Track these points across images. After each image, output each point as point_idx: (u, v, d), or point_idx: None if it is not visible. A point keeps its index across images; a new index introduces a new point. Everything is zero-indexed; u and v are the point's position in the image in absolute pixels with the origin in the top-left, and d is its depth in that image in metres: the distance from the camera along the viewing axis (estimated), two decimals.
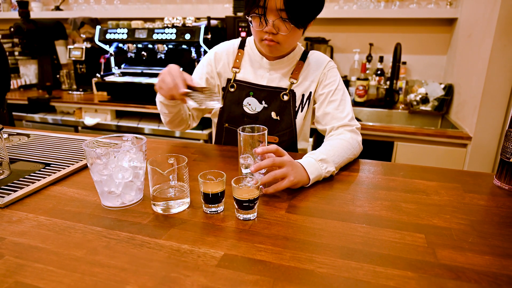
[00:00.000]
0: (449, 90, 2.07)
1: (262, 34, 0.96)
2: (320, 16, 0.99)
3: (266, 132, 0.84)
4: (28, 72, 2.90)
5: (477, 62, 1.72)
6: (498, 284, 0.53)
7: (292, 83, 1.08)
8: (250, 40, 1.12)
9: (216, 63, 1.13)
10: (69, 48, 2.59)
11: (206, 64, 1.13)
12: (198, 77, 1.13)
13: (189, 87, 0.89)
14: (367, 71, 2.38)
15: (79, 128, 2.38)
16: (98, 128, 2.32)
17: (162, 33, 2.19)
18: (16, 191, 0.78)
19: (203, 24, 2.16)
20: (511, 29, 1.52)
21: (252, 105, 1.10)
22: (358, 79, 2.29)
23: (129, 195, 0.75)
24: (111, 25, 2.40)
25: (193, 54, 2.20)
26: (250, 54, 1.11)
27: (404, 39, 2.26)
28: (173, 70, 0.89)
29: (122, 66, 2.46)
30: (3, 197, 0.75)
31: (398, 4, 2.22)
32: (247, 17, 0.97)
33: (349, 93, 1.09)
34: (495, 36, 1.54)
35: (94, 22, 2.65)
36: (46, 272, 0.54)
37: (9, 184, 0.82)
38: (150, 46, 2.32)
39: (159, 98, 1.03)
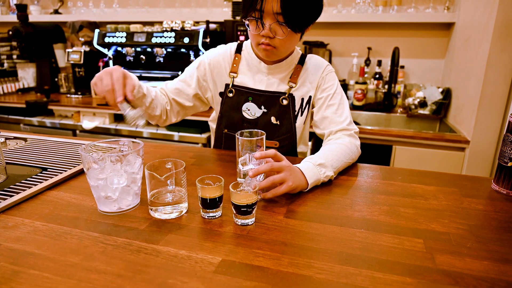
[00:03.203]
0: (447, 94, 2.08)
1: (259, 38, 0.96)
2: (318, 20, 0.99)
3: (264, 136, 0.84)
4: (26, 76, 2.89)
5: (475, 66, 1.72)
6: None
7: (291, 87, 1.08)
8: (247, 44, 1.11)
9: (211, 68, 1.11)
10: (68, 52, 2.59)
11: (198, 66, 1.11)
12: (189, 76, 1.11)
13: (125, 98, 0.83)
14: (366, 75, 2.38)
15: (77, 131, 2.37)
16: (96, 132, 2.32)
17: (161, 37, 2.19)
18: (12, 196, 0.78)
19: (202, 28, 2.17)
20: (508, 33, 1.53)
21: (251, 110, 1.10)
22: (357, 83, 2.29)
23: (126, 200, 0.74)
24: (110, 29, 2.40)
25: (192, 58, 2.20)
26: (248, 59, 1.10)
27: (402, 43, 2.27)
28: (115, 72, 0.83)
29: None
30: None
31: (396, 9, 2.23)
32: (244, 21, 0.97)
33: (347, 97, 1.10)
34: (493, 40, 1.55)
35: (92, 25, 2.66)
36: (41, 279, 0.54)
37: (5, 189, 0.81)
38: (148, 49, 2.32)
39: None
